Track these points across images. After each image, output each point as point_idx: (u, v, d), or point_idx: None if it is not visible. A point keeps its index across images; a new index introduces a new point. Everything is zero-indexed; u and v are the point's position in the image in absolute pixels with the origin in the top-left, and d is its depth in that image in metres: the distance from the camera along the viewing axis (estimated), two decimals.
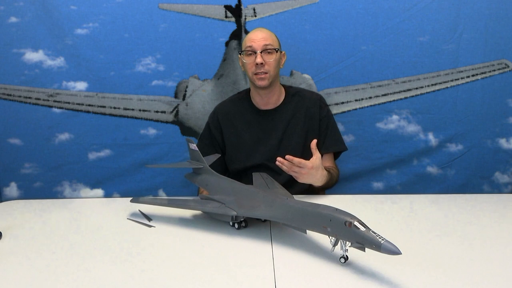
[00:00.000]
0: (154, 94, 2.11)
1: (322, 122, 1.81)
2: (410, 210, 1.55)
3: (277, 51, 1.72)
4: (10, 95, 2.08)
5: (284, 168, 1.56)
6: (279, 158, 1.55)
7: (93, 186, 2.16)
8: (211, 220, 1.40)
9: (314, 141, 1.63)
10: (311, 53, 2.06)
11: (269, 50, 1.70)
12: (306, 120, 1.80)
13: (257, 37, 1.71)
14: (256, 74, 1.71)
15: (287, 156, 1.54)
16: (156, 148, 2.13)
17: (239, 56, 1.80)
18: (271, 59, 1.70)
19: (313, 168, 1.57)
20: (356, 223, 0.99)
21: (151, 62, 2.07)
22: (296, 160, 1.54)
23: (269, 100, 1.81)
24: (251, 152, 1.80)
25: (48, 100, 2.08)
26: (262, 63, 1.68)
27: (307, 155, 1.73)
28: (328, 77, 2.08)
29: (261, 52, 1.69)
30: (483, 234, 1.30)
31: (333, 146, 1.83)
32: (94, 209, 1.71)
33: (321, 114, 1.81)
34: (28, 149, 2.11)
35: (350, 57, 2.05)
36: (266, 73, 1.70)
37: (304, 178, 1.58)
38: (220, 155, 1.76)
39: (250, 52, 1.71)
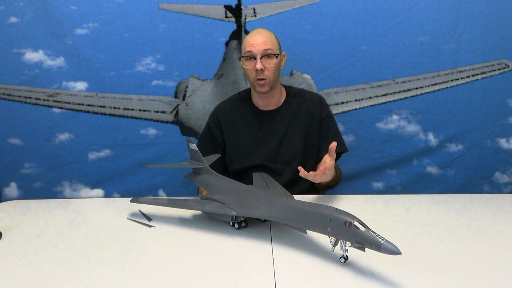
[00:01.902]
0: (154, 94, 2.11)
1: (323, 123, 1.81)
2: (410, 210, 1.55)
3: (277, 56, 1.70)
4: (10, 95, 2.08)
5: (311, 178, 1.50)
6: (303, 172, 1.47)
7: (93, 186, 2.16)
8: (211, 220, 1.40)
9: (334, 144, 1.52)
10: (311, 53, 2.06)
11: (269, 55, 1.68)
12: (306, 120, 1.79)
13: (256, 42, 1.67)
14: (256, 80, 1.69)
15: (311, 173, 1.47)
16: (156, 148, 2.13)
17: (239, 60, 1.78)
18: (271, 64, 1.67)
19: (331, 169, 1.54)
20: (356, 223, 0.99)
21: (151, 62, 2.07)
22: (321, 170, 1.49)
23: (270, 102, 1.81)
24: (251, 152, 1.80)
25: (48, 100, 2.08)
26: (262, 69, 1.67)
27: (307, 156, 1.73)
28: (328, 77, 2.08)
29: (260, 58, 1.66)
30: (483, 234, 1.30)
31: None
32: (94, 209, 1.71)
33: (321, 115, 1.81)
34: (28, 149, 2.11)
35: (350, 57, 2.05)
36: (265, 79, 1.68)
37: (322, 178, 1.54)
38: (220, 155, 1.75)
39: (249, 57, 1.69)
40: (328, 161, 1.52)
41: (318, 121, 1.80)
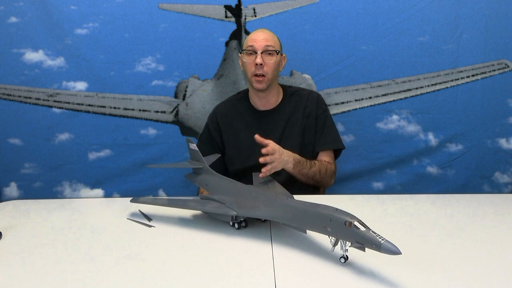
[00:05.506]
0: (154, 94, 2.11)
1: (319, 119, 1.81)
2: (410, 210, 1.55)
3: (277, 53, 1.71)
4: (10, 95, 2.08)
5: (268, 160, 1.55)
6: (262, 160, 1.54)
7: (93, 186, 2.16)
8: (211, 220, 1.40)
9: (256, 136, 1.57)
10: (311, 53, 2.06)
11: (269, 51, 1.70)
12: (303, 118, 1.80)
13: (258, 38, 1.71)
14: (255, 75, 1.71)
15: (261, 160, 1.54)
16: (156, 148, 2.14)
17: (239, 55, 1.79)
18: (271, 60, 1.70)
19: (274, 151, 1.56)
20: (356, 223, 0.99)
21: (151, 62, 2.07)
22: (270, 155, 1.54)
23: (267, 101, 1.81)
24: (250, 152, 1.79)
25: (48, 100, 2.09)
26: (261, 64, 1.68)
27: (304, 154, 1.73)
28: (328, 77, 2.08)
29: (261, 53, 1.69)
30: (483, 234, 1.30)
31: (329, 144, 1.82)
32: (94, 209, 1.71)
33: (317, 112, 1.81)
34: (28, 149, 2.12)
35: (350, 57, 2.05)
36: (264, 75, 1.70)
37: (276, 164, 1.57)
38: (220, 155, 1.75)
39: (250, 52, 1.71)
40: (271, 145, 1.55)
41: (314, 118, 1.81)
